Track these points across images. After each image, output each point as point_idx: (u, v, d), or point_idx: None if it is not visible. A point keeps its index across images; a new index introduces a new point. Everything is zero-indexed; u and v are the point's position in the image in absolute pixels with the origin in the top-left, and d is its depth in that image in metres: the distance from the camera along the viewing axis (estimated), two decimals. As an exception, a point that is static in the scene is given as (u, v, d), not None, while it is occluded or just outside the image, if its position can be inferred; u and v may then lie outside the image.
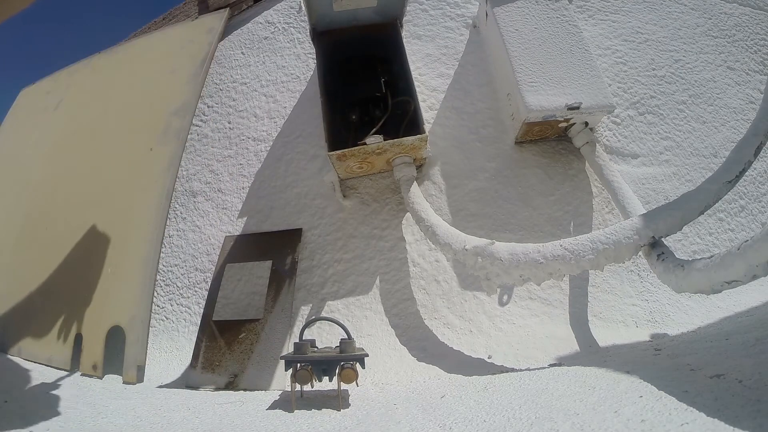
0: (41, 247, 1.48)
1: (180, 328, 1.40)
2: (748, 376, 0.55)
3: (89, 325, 1.23)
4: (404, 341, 1.17)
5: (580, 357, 1.02)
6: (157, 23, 2.19)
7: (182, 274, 1.49)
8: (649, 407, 0.54)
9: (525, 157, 1.36)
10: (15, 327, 1.39)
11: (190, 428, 0.78)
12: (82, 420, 0.83)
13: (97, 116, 1.68)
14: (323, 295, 1.28)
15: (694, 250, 1.28)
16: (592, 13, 1.61)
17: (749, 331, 0.80)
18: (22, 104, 2.06)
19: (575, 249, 0.89)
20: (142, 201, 1.32)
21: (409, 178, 1.25)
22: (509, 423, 0.61)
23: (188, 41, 1.61)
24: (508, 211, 1.30)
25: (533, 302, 1.19)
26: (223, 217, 1.51)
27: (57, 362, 1.24)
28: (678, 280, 0.80)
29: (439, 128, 1.43)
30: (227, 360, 1.13)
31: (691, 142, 1.44)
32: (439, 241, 1.08)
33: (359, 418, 0.77)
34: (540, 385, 0.74)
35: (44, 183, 1.64)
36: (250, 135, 1.62)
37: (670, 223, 0.88)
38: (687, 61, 1.58)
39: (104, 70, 1.82)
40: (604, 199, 1.29)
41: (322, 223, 1.38)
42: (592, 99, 1.21)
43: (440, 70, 1.54)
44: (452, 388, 0.85)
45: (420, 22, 1.62)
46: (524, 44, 1.29)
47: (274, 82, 1.69)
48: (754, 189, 1.41)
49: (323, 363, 0.85)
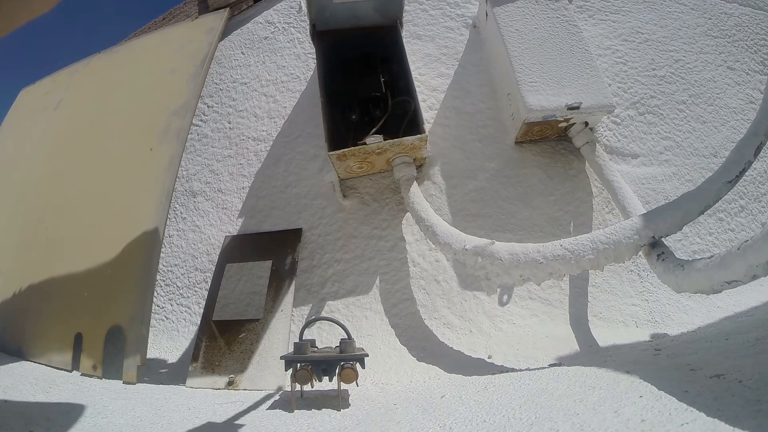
0: (41, 247, 1.48)
1: (180, 328, 1.40)
2: (748, 376, 0.55)
3: (89, 325, 1.23)
4: (404, 341, 1.17)
5: (580, 357, 1.02)
6: (157, 23, 2.20)
7: (182, 274, 1.49)
8: (649, 407, 0.54)
9: (525, 157, 1.36)
10: (15, 327, 1.39)
11: (190, 428, 0.78)
12: (82, 420, 0.83)
13: (97, 116, 1.68)
14: (323, 295, 1.28)
15: (694, 250, 1.28)
16: (592, 13, 1.61)
17: (749, 331, 0.80)
18: (22, 104, 2.06)
19: (575, 249, 0.89)
20: (142, 201, 1.32)
21: (409, 178, 1.25)
22: (509, 423, 0.61)
23: (188, 41, 1.60)
24: (508, 211, 1.30)
25: (533, 302, 1.19)
26: (223, 217, 1.51)
27: (57, 362, 1.24)
28: (678, 280, 0.80)
29: (439, 128, 1.43)
30: (227, 360, 1.13)
31: (691, 142, 1.44)
32: (439, 241, 1.08)
33: (359, 418, 0.77)
34: (540, 385, 0.74)
35: (44, 183, 1.64)
36: (250, 135, 1.62)
37: (670, 223, 0.88)
38: (687, 61, 1.58)
39: (104, 70, 1.82)
40: (604, 199, 1.29)
41: (322, 223, 1.38)
42: (592, 99, 1.21)
43: (440, 70, 1.54)
44: (452, 388, 0.85)
45: (420, 22, 1.62)
46: (524, 44, 1.29)
47: (274, 82, 1.69)
48: (754, 189, 1.41)
49: (323, 363, 0.85)
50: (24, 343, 1.34)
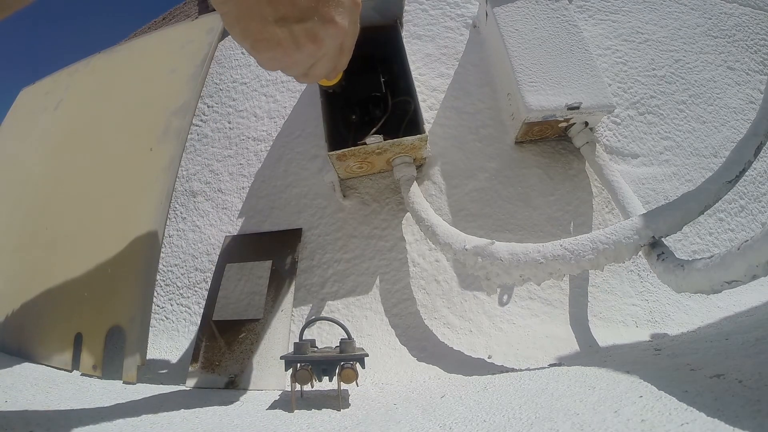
0: (41, 247, 1.48)
1: (180, 328, 1.40)
2: (748, 376, 0.55)
3: (89, 325, 1.23)
4: (404, 341, 1.17)
5: (580, 357, 1.02)
6: (157, 23, 2.20)
7: (182, 274, 1.48)
8: (649, 407, 0.54)
9: (525, 157, 1.36)
10: (15, 327, 1.39)
11: (190, 428, 0.78)
12: (82, 420, 0.83)
13: (97, 116, 1.68)
14: (323, 295, 1.28)
15: (694, 250, 1.28)
16: (592, 13, 1.61)
17: (749, 331, 0.80)
18: (22, 104, 2.06)
19: (575, 249, 0.89)
20: (142, 201, 1.32)
21: (409, 178, 1.25)
22: (509, 423, 0.61)
23: (188, 41, 1.60)
24: (508, 211, 1.30)
25: (533, 302, 1.19)
26: (223, 217, 1.51)
27: (57, 362, 1.23)
28: (678, 280, 0.80)
29: (439, 128, 1.43)
30: (227, 360, 1.13)
31: (691, 142, 1.44)
32: (439, 241, 1.08)
33: (359, 418, 0.77)
34: (540, 385, 0.74)
35: (44, 183, 1.64)
36: (250, 135, 1.62)
37: (670, 223, 0.88)
38: (687, 61, 1.58)
39: (104, 70, 1.81)
40: (604, 199, 1.29)
41: (322, 223, 1.38)
42: (592, 99, 1.21)
43: (440, 70, 1.53)
44: (452, 388, 0.85)
45: (420, 22, 1.62)
46: (524, 44, 1.29)
47: (274, 82, 1.68)
48: (754, 189, 1.41)
49: (323, 363, 0.85)
50: (24, 342, 1.34)
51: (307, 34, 0.46)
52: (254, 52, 0.48)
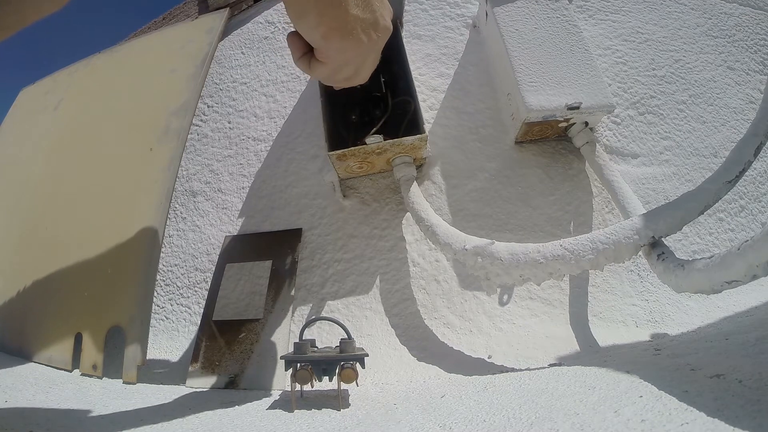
0: (41, 247, 1.48)
1: (180, 328, 1.40)
2: (748, 376, 0.55)
3: (89, 325, 1.23)
4: (404, 341, 1.17)
5: (580, 357, 1.02)
6: (157, 23, 2.19)
7: (182, 274, 1.48)
8: (649, 407, 0.54)
9: (525, 157, 1.36)
10: (15, 327, 1.39)
11: (190, 428, 0.78)
12: (82, 420, 0.83)
13: (97, 116, 1.68)
14: (323, 295, 1.28)
15: (694, 250, 1.28)
16: (592, 13, 1.61)
17: (749, 331, 0.80)
18: (22, 104, 2.06)
19: (575, 249, 0.89)
20: (142, 201, 1.32)
21: (409, 178, 1.25)
22: (509, 423, 0.61)
23: (188, 41, 1.60)
24: (508, 211, 1.30)
25: (533, 302, 1.19)
26: (223, 217, 1.51)
27: (57, 362, 1.24)
28: (678, 280, 0.80)
29: (439, 128, 1.43)
30: (227, 360, 1.13)
31: (691, 142, 1.44)
32: (439, 241, 1.08)
33: (359, 418, 0.77)
34: (540, 385, 0.74)
35: (44, 183, 1.64)
36: (250, 135, 1.62)
37: (670, 223, 0.88)
38: (687, 61, 1.58)
39: (104, 70, 1.81)
40: (604, 199, 1.29)
41: (322, 223, 1.38)
42: (592, 99, 1.21)
43: (440, 70, 1.53)
44: (452, 388, 0.85)
45: (420, 22, 1.62)
46: (524, 44, 1.29)
47: (274, 81, 1.68)
48: (754, 189, 1.41)
49: (323, 363, 0.85)
50: (24, 342, 1.34)
51: (373, 28, 0.50)
52: (323, 41, 0.48)
